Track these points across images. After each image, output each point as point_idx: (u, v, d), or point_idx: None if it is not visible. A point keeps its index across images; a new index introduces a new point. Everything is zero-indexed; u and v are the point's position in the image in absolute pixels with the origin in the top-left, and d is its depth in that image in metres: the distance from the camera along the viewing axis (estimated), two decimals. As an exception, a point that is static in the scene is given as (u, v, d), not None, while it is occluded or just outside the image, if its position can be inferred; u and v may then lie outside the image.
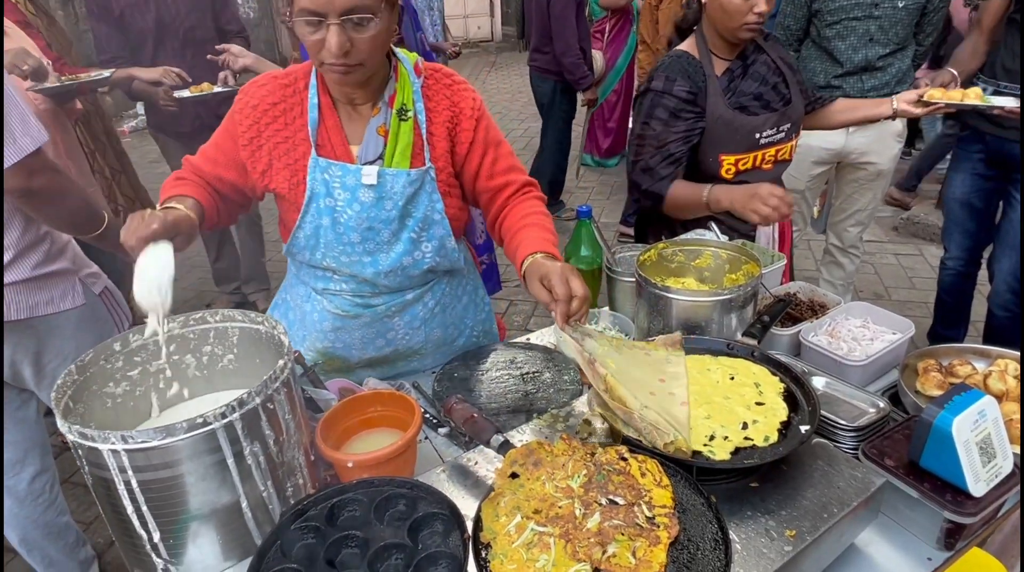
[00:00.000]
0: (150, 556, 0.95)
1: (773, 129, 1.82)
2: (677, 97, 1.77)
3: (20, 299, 1.54)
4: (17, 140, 1.37)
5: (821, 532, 0.92)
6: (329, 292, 1.45)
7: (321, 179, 1.30)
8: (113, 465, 0.88)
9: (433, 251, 1.40)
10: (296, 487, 1.04)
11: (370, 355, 1.51)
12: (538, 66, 4.63)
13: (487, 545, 0.86)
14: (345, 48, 1.14)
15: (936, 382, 1.30)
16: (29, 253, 1.53)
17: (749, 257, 1.47)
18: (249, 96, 1.32)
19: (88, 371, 1.05)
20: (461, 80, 1.40)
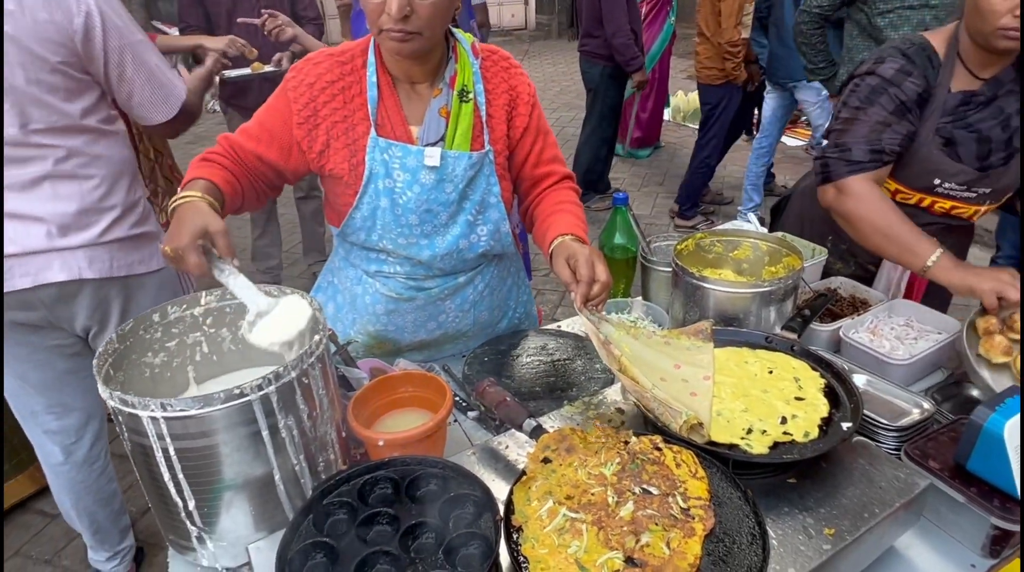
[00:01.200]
0: (184, 523, 0.96)
1: (964, 186, 1.51)
2: (906, 94, 1.46)
3: (120, 257, 1.61)
4: (176, 89, 1.61)
5: (861, 532, 0.89)
6: (382, 274, 1.44)
7: (380, 159, 1.28)
8: (152, 432, 0.89)
9: (488, 235, 1.40)
10: (327, 462, 1.05)
11: (421, 337, 1.51)
12: (588, 50, 4.63)
13: (518, 528, 0.85)
14: (405, 11, 1.12)
15: (1001, 349, 1.23)
16: (128, 214, 1.62)
17: (790, 249, 1.43)
18: (304, 74, 1.28)
19: (128, 340, 1.06)
20: (516, 63, 1.40)
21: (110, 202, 1.58)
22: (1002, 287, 1.31)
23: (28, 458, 2.40)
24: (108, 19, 1.46)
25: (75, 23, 1.41)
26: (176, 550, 1.04)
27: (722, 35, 4.10)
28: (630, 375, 1.05)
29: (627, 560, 0.80)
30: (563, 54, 10.96)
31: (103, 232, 1.57)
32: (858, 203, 1.47)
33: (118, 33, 1.48)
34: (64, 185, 1.51)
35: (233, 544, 0.98)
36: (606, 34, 4.37)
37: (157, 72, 1.57)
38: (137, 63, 1.53)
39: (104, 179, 1.56)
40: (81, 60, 1.45)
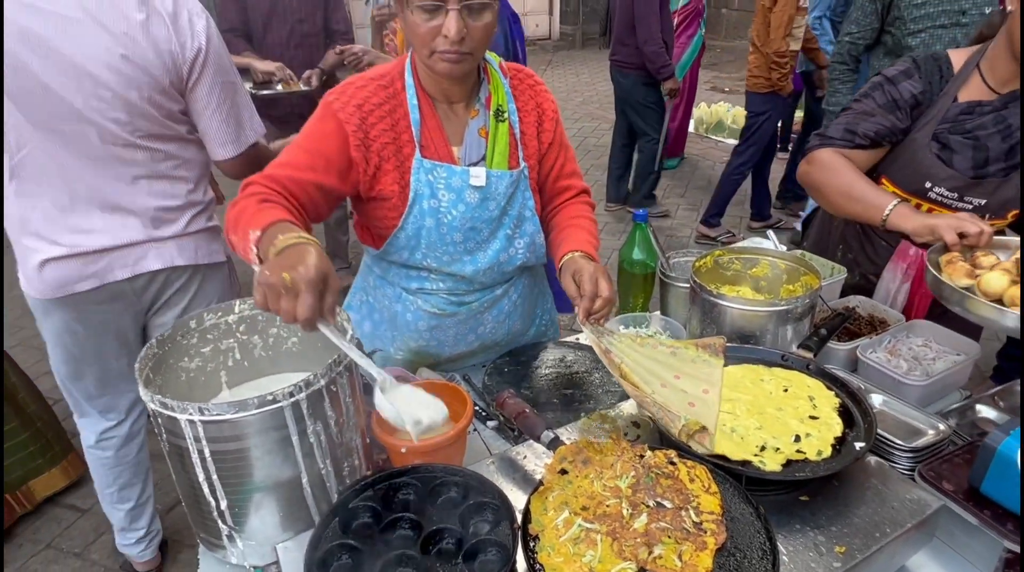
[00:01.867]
0: (216, 522, 1.01)
1: (955, 194, 1.54)
2: (900, 93, 1.54)
3: (203, 246, 1.79)
4: (246, 131, 1.71)
5: (872, 551, 0.91)
6: (424, 292, 1.46)
7: (425, 180, 1.30)
8: (189, 435, 0.93)
9: (525, 247, 1.44)
10: (352, 467, 1.09)
11: (460, 350, 1.54)
12: (619, 59, 4.68)
13: (535, 537, 0.89)
14: (462, 34, 1.16)
15: (965, 271, 1.31)
16: (206, 209, 1.80)
17: (808, 269, 1.45)
18: (349, 96, 1.28)
19: (166, 346, 1.11)
20: (540, 81, 1.45)
21: (194, 198, 1.75)
22: (960, 223, 1.36)
23: (61, 452, 2.49)
24: (214, 56, 1.60)
25: (187, 55, 1.56)
26: (207, 547, 1.09)
27: (770, 45, 4.12)
28: (631, 381, 1.09)
29: (640, 571, 0.83)
30: (587, 64, 11.01)
31: (188, 223, 1.74)
32: (822, 169, 1.58)
33: (220, 70, 1.62)
34: (159, 183, 1.68)
35: (261, 544, 1.03)
36: (637, 41, 4.42)
37: (235, 111, 1.69)
38: (223, 100, 1.66)
39: (190, 178, 1.73)
40: (184, 84, 1.61)
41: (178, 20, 1.55)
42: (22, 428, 2.33)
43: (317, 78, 3.31)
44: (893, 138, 1.57)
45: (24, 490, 2.39)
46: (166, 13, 1.53)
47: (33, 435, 2.37)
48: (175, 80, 1.58)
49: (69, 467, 2.51)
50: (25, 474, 2.39)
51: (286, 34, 3.40)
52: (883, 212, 1.46)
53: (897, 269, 1.66)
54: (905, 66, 1.57)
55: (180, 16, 1.55)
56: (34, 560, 2.31)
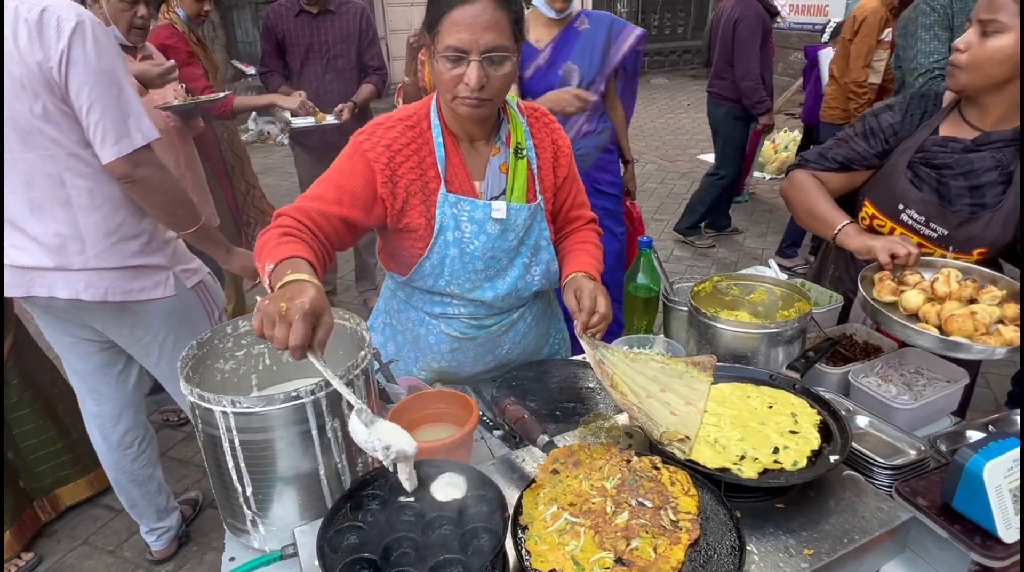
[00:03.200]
0: (242, 507, 1.12)
1: (922, 217, 1.60)
2: (879, 123, 1.66)
3: (118, 284, 1.78)
4: (131, 134, 1.65)
5: (839, 555, 0.98)
6: (447, 316, 1.55)
7: (450, 213, 1.41)
8: (222, 425, 1.05)
9: (541, 274, 1.55)
10: (365, 463, 1.19)
11: (479, 370, 1.64)
12: (715, 91, 4.87)
13: (524, 527, 0.98)
14: (482, 83, 1.27)
15: (889, 289, 1.46)
16: (127, 243, 1.78)
17: (802, 295, 1.53)
18: (379, 137, 1.37)
19: (205, 348, 1.25)
20: (554, 119, 1.57)
21: (106, 231, 1.72)
22: (892, 245, 1.49)
23: (92, 464, 2.55)
24: (81, 55, 1.56)
25: (52, 61, 1.54)
26: (232, 532, 1.20)
27: (849, 75, 4.21)
28: (620, 390, 1.18)
29: (617, 560, 0.91)
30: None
31: (99, 257, 1.73)
32: (794, 188, 1.74)
33: (90, 70, 1.57)
34: (63, 210, 1.68)
35: (281, 529, 1.13)
36: (736, 76, 4.58)
37: (115, 111, 1.62)
38: (97, 97, 1.59)
39: (100, 209, 1.70)
40: (64, 90, 1.58)
41: (43, 28, 1.53)
42: (59, 437, 2.45)
43: (349, 111, 3.52)
44: (864, 163, 1.69)
45: (51, 497, 2.52)
46: (32, 22, 1.52)
47: (67, 445, 2.48)
48: (54, 88, 1.57)
49: (95, 479, 2.61)
50: (55, 481, 2.50)
51: (322, 69, 3.63)
52: (833, 230, 1.62)
53: None
54: (892, 101, 1.70)
55: (46, 24, 1.53)
56: (70, 555, 2.45)
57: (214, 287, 2.08)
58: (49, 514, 2.55)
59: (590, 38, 2.62)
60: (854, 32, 4.16)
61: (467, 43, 1.24)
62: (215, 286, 2.09)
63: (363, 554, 0.91)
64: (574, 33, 2.61)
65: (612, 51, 2.66)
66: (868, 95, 4.24)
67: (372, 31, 3.77)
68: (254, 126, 8.99)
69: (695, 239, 5.32)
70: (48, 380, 2.46)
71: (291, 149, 4.00)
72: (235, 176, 3.47)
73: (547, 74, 2.59)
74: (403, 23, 11.46)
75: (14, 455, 2.39)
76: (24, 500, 2.43)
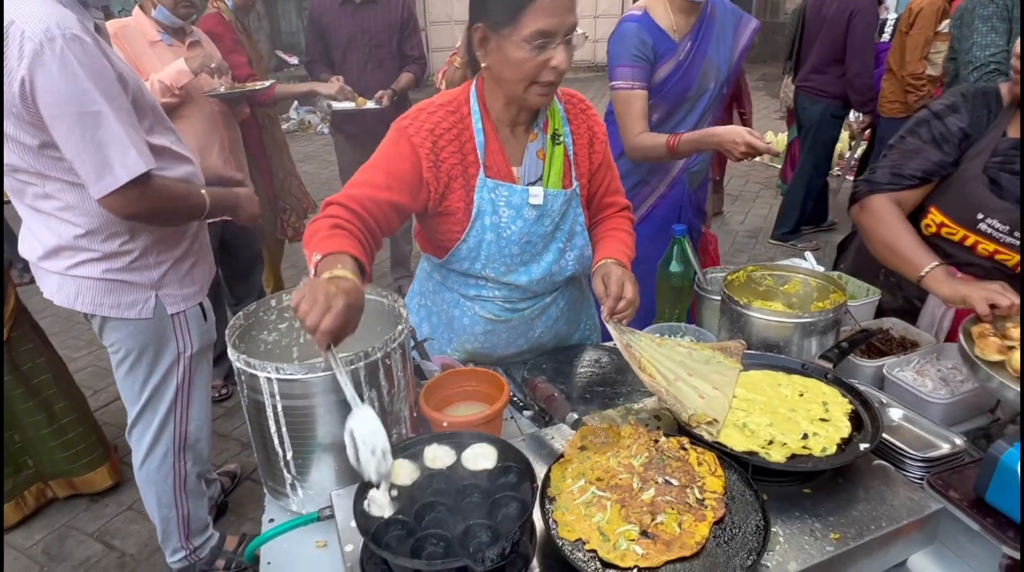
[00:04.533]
0: (282, 471, 1.18)
1: (1006, 226, 1.52)
2: (947, 127, 1.57)
3: (87, 295, 1.71)
4: (113, 170, 1.49)
5: (865, 540, 0.98)
6: (481, 298, 1.58)
7: (488, 198, 1.43)
8: (266, 391, 1.11)
9: (574, 259, 1.57)
10: (399, 435, 1.24)
11: (511, 352, 1.67)
12: (811, 86, 4.53)
13: (552, 499, 1.01)
14: (569, 63, 1.28)
15: (995, 347, 1.29)
16: (104, 261, 1.70)
17: (837, 287, 1.51)
18: (422, 122, 1.39)
19: (251, 319, 1.30)
20: (590, 104, 1.58)
21: (84, 245, 1.66)
22: (992, 295, 1.35)
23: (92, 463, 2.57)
24: (45, 86, 1.41)
25: (15, 87, 1.41)
26: (272, 496, 1.26)
27: (906, 67, 4.09)
28: (648, 373, 1.20)
29: (642, 533, 0.93)
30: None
31: (71, 267, 1.68)
32: (871, 217, 1.61)
33: (58, 101, 1.42)
34: (45, 219, 1.64)
35: (318, 493, 1.18)
36: (848, 74, 4.26)
37: (93, 146, 1.47)
38: (70, 133, 1.45)
39: (81, 226, 1.64)
40: (35, 115, 1.45)
41: (8, 45, 1.39)
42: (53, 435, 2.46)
43: (388, 98, 3.58)
44: (942, 172, 1.59)
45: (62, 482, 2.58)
46: None
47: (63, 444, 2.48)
48: (21, 112, 1.45)
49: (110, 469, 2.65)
50: (70, 470, 2.55)
51: (363, 58, 3.70)
52: (919, 272, 1.48)
53: None
54: (951, 100, 1.61)
55: (10, 41, 1.39)
56: (117, 519, 2.58)
57: (198, 323, 1.92)
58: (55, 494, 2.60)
59: (720, 27, 2.17)
60: (910, 24, 4.03)
61: (555, 26, 1.23)
62: (202, 323, 1.93)
63: (398, 516, 0.95)
64: (710, 21, 2.14)
65: (735, 44, 2.22)
66: (927, 87, 4.10)
67: (413, 22, 3.82)
68: (295, 115, 9.17)
69: (796, 241, 5.01)
70: (48, 378, 2.42)
71: (332, 136, 4.09)
72: (274, 163, 3.56)
73: (687, 72, 2.15)
74: (443, 15, 11.54)
75: (20, 437, 2.44)
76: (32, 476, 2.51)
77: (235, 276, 3.37)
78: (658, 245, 1.74)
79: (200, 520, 2.19)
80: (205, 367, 2.01)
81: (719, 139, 1.98)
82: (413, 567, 0.87)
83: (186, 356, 1.90)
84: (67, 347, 3.80)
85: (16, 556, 2.42)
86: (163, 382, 1.90)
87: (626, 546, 0.90)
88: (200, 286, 1.92)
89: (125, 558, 2.41)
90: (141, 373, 1.87)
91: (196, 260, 1.90)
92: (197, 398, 2.00)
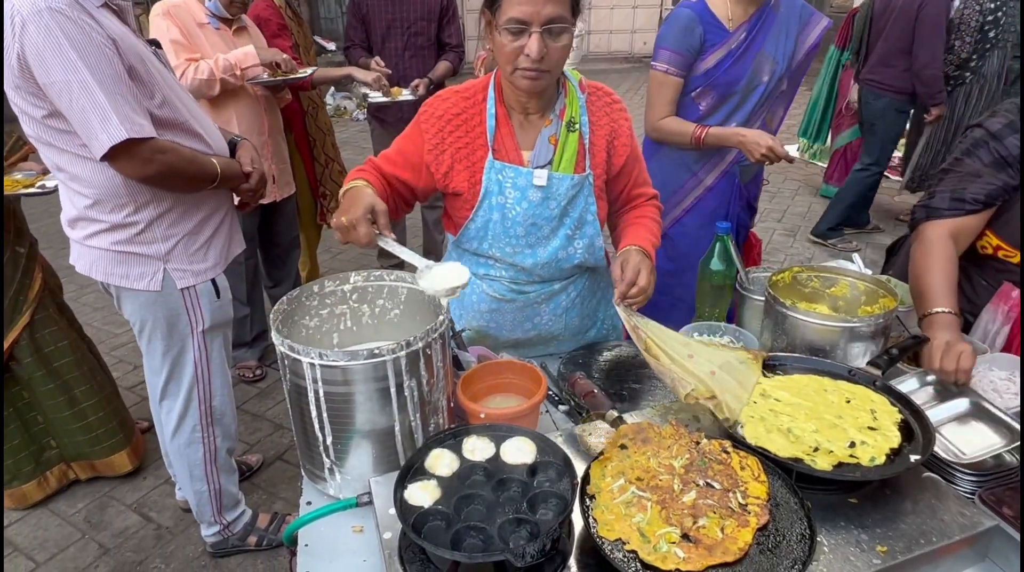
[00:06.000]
0: (321, 456, 1.19)
1: None
2: (1008, 150, 1.50)
3: (101, 264, 1.79)
4: (97, 136, 1.55)
5: (914, 555, 0.95)
6: (489, 277, 1.64)
7: (495, 179, 1.49)
8: (308, 376, 1.11)
9: (583, 248, 1.58)
10: (437, 425, 1.24)
11: (516, 336, 1.70)
12: (876, 80, 4.40)
13: (592, 496, 1.00)
14: (543, 53, 1.31)
15: None
16: (113, 232, 1.75)
17: (888, 291, 1.47)
18: (434, 108, 1.51)
19: (294, 304, 1.31)
20: (618, 99, 1.58)
21: (93, 215, 1.73)
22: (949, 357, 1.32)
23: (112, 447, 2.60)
24: (35, 58, 1.48)
25: (12, 61, 1.51)
26: (310, 479, 1.27)
27: None
28: (653, 353, 1.29)
29: (683, 536, 0.92)
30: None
31: (87, 237, 1.77)
32: (919, 246, 1.56)
33: (47, 70, 1.50)
34: (64, 190, 1.75)
35: (355, 479, 1.19)
36: (916, 65, 4.10)
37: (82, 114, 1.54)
38: (60, 99, 1.53)
39: (88, 195, 1.70)
40: (33, 85, 1.54)
41: (6, 26, 1.49)
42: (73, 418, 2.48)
43: (424, 87, 3.58)
44: (1005, 196, 1.52)
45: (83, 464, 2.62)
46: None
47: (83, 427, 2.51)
48: (21, 84, 1.54)
49: (132, 453, 2.67)
50: (91, 453, 2.58)
51: (402, 45, 3.71)
52: (925, 310, 1.46)
53: (998, 311, 1.61)
54: (1007, 118, 1.52)
55: (7, 23, 1.48)
56: (154, 492, 2.65)
57: (209, 299, 1.93)
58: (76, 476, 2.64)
59: (784, 21, 2.13)
60: None
61: (529, 15, 1.28)
62: (213, 300, 1.95)
63: (437, 506, 0.95)
64: (771, 13, 2.12)
65: (801, 40, 2.17)
66: None
67: (452, 9, 3.80)
68: (331, 101, 9.24)
69: (837, 241, 4.83)
70: (70, 361, 2.43)
71: (368, 124, 4.11)
72: (316, 149, 3.60)
73: (738, 62, 2.12)
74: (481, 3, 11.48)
75: (43, 419, 2.49)
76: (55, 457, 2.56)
77: (272, 260, 3.43)
78: (703, 240, 1.71)
79: (231, 495, 2.24)
80: (221, 343, 2.04)
81: (743, 139, 2.06)
82: (453, 559, 0.87)
83: (198, 331, 1.93)
84: (110, 322, 3.91)
85: (60, 523, 2.51)
86: (180, 356, 1.95)
87: (667, 548, 0.89)
88: (214, 262, 1.93)
89: (161, 530, 2.48)
90: (158, 346, 1.92)
91: (212, 236, 1.91)
92: (217, 374, 2.03)
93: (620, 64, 12.42)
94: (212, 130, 1.88)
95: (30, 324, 2.31)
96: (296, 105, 3.39)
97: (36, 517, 2.54)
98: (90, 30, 1.52)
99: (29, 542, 2.43)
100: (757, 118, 2.21)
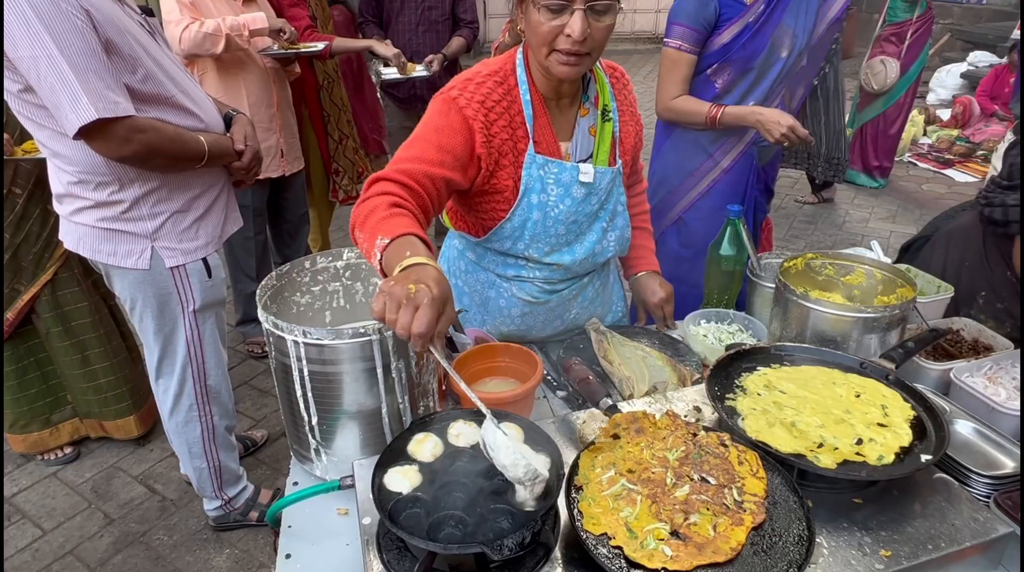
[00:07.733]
0: (307, 436, 1.16)
1: None
2: None
3: (88, 241, 1.76)
4: (67, 116, 1.48)
5: (920, 561, 0.90)
6: (520, 279, 1.51)
7: (537, 175, 1.35)
8: (293, 354, 1.08)
9: (616, 240, 1.51)
10: (426, 408, 1.20)
11: (547, 334, 1.61)
12: None
13: (579, 488, 0.95)
14: (585, 34, 1.18)
15: None
16: (97, 209, 1.71)
17: (906, 281, 1.39)
18: (471, 92, 1.30)
19: (283, 280, 1.28)
20: (625, 74, 1.51)
21: (76, 192, 1.70)
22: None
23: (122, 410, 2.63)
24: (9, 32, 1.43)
25: None
26: (298, 459, 1.25)
27: None
28: (608, 358, 1.39)
29: (672, 533, 0.87)
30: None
31: (73, 213, 1.74)
32: None
33: (12, 44, 1.44)
34: (50, 165, 1.72)
35: (342, 461, 1.17)
36: None
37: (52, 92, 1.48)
38: (29, 74, 1.48)
39: (72, 174, 1.67)
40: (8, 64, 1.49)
41: None
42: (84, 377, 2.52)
43: (438, 63, 3.51)
44: None
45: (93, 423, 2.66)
46: None
47: (93, 388, 2.55)
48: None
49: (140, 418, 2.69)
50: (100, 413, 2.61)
51: (415, 20, 3.64)
52: None
53: None
54: None
55: None
56: (160, 465, 2.67)
57: (200, 278, 1.89)
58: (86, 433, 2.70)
59: None
60: None
61: None
62: (204, 279, 1.90)
63: (416, 493, 0.91)
64: None
65: (822, 13, 2.07)
66: None
67: None
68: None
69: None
70: (87, 322, 2.45)
71: (382, 100, 4.06)
72: (330, 124, 3.55)
73: (755, 37, 2.01)
74: (502, -21, 11.31)
75: (60, 373, 2.54)
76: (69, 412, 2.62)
77: (281, 236, 3.41)
78: (718, 225, 1.64)
79: (232, 472, 2.23)
80: (214, 323, 2.00)
81: (761, 118, 1.96)
82: (428, 549, 0.83)
83: (189, 310, 1.90)
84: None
85: (68, 492, 2.54)
86: (172, 334, 1.92)
87: (654, 545, 0.85)
88: (206, 241, 1.88)
89: (166, 502, 2.50)
90: (150, 325, 1.89)
91: (203, 215, 1.86)
92: (211, 353, 2.00)
93: (644, 45, 12.16)
94: (205, 103, 1.82)
95: (52, 281, 2.36)
96: (312, 79, 3.34)
97: (44, 485, 2.57)
98: (63, 4, 1.44)
99: (37, 510, 2.46)
100: (775, 96, 2.11)
